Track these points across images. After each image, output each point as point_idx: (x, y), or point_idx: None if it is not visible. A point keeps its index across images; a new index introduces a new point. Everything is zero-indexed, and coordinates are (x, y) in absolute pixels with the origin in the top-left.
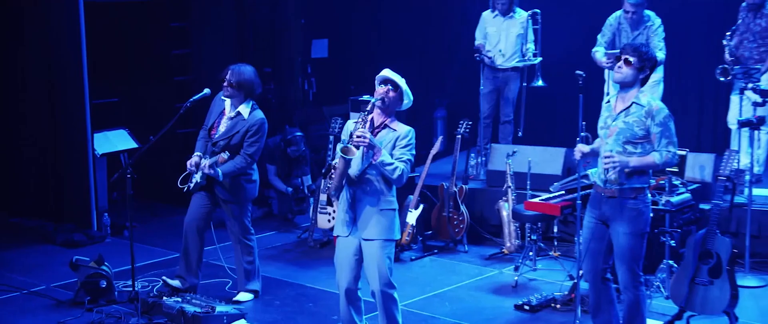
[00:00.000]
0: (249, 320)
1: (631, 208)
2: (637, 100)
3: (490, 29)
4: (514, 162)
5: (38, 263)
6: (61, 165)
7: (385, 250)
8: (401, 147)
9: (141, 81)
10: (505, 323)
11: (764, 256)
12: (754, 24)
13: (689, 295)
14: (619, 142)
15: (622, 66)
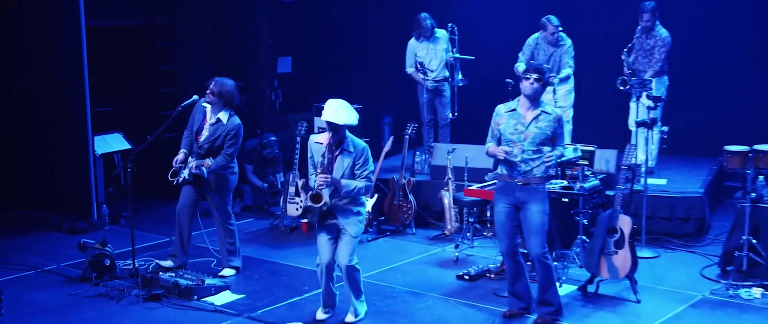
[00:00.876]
0: (233, 291)
1: (541, 192)
2: (544, 108)
3: (420, 53)
4: (453, 158)
5: (48, 247)
6: (65, 164)
7: (354, 242)
8: (359, 167)
9: (132, 92)
10: (448, 290)
11: (657, 233)
12: (646, 43)
13: (599, 263)
14: (535, 143)
15: (534, 83)
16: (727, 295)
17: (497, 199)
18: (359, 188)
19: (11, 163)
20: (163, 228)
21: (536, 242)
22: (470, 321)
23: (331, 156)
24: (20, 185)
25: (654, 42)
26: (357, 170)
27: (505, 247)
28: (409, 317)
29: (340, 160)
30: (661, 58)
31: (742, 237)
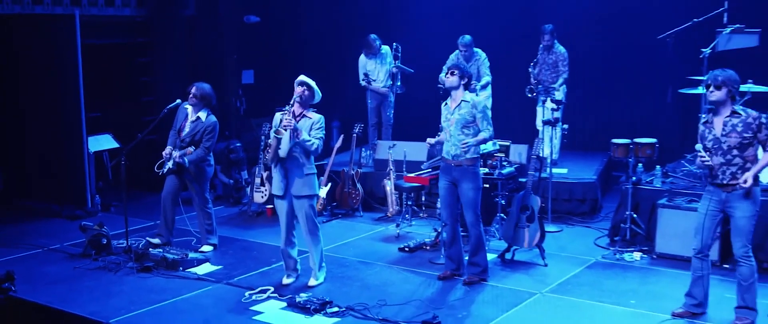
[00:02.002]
0: (212, 263)
1: (472, 172)
2: (464, 98)
3: (369, 67)
4: (393, 152)
5: (51, 231)
6: (63, 161)
7: (310, 202)
8: (315, 129)
9: (118, 100)
10: (392, 260)
11: (560, 211)
12: (548, 58)
13: (514, 235)
14: (459, 127)
15: (449, 76)
16: (614, 259)
17: (440, 177)
18: (312, 143)
19: (19, 161)
20: (148, 214)
21: (469, 213)
22: (410, 282)
23: (295, 118)
24: (27, 180)
25: (555, 57)
26: (313, 131)
27: (446, 216)
28: (361, 280)
29: (303, 121)
30: (566, 70)
31: (625, 213)
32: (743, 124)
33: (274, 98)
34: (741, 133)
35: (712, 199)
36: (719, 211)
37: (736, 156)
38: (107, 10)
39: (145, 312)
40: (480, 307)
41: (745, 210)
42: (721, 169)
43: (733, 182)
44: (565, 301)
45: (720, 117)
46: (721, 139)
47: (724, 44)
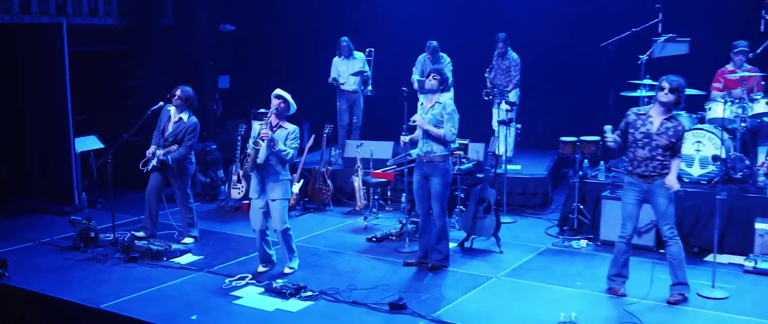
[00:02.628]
0: (194, 253)
1: (442, 168)
2: (439, 100)
3: (340, 68)
4: (361, 151)
5: (42, 225)
6: (52, 160)
7: (283, 205)
8: (290, 139)
9: (103, 103)
10: (360, 249)
11: (514, 204)
12: (502, 64)
13: (472, 225)
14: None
15: (432, 80)
16: (563, 246)
17: (414, 172)
18: (287, 152)
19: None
20: (132, 210)
21: (436, 205)
22: (378, 269)
23: (272, 129)
24: (15, 178)
25: (508, 63)
26: (288, 142)
27: (419, 207)
28: (332, 268)
29: (279, 131)
30: (518, 75)
31: (573, 204)
32: (674, 130)
33: (249, 101)
34: (670, 137)
35: (634, 190)
36: (641, 200)
37: (659, 154)
38: (91, 19)
39: (132, 298)
40: (441, 290)
41: (665, 196)
42: (644, 162)
43: (653, 174)
44: (518, 284)
45: (660, 116)
46: (654, 136)
47: (659, 52)
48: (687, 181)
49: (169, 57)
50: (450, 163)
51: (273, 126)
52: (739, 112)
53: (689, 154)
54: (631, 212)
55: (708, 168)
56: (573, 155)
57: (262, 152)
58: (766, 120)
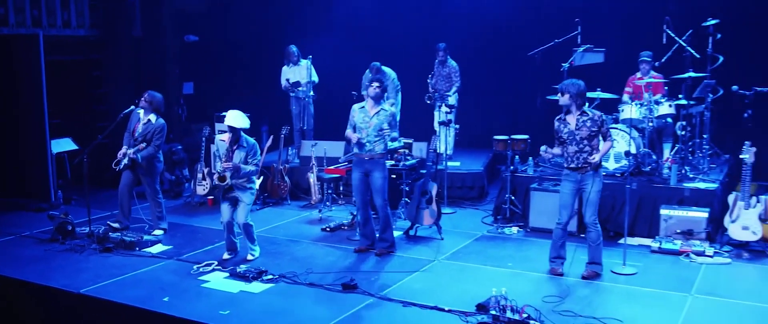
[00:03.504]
0: (164, 243)
1: (381, 164)
2: (384, 108)
3: (289, 75)
4: (315, 150)
5: (22, 221)
6: (29, 161)
7: (247, 209)
8: (251, 157)
9: (75, 108)
10: (316, 238)
11: (454, 197)
12: (443, 71)
13: (416, 215)
14: (376, 130)
15: (377, 88)
16: (496, 233)
17: (354, 169)
18: (251, 171)
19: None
20: (104, 206)
21: (379, 198)
22: (332, 255)
23: (231, 149)
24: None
25: (449, 70)
26: (249, 159)
27: (359, 201)
28: (290, 254)
29: (237, 153)
30: (458, 80)
31: (505, 196)
32: (591, 121)
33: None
34: (590, 128)
35: (570, 181)
36: (577, 190)
37: (586, 145)
38: (65, 31)
39: (109, 283)
40: (388, 272)
41: (595, 186)
42: (575, 156)
43: (584, 165)
44: (457, 266)
45: (573, 115)
46: (575, 132)
47: (579, 60)
48: (603, 174)
49: (137, 65)
50: (386, 160)
51: (232, 152)
52: (646, 114)
53: None
54: (567, 202)
55: (621, 162)
56: (505, 152)
57: (228, 179)
58: (669, 120)
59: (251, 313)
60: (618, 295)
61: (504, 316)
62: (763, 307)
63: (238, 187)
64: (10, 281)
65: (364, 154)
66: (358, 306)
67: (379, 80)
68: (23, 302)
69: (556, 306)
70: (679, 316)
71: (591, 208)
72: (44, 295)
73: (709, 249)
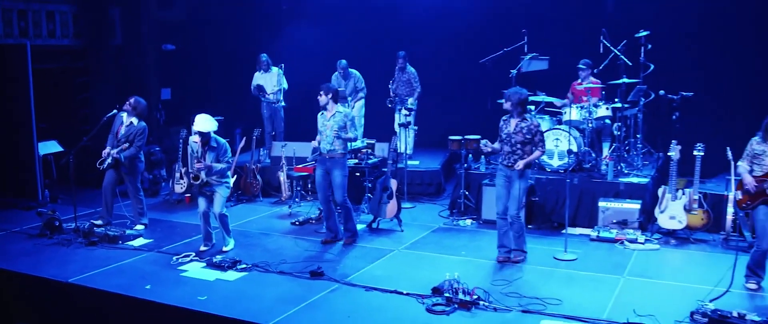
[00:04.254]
0: (145, 237)
1: (341, 163)
2: (338, 109)
3: (260, 81)
4: (285, 150)
5: (11, 218)
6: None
7: (222, 200)
8: (222, 156)
9: (61, 113)
10: (286, 231)
11: (413, 193)
12: (403, 77)
13: (378, 209)
14: (334, 131)
15: (322, 97)
16: (452, 225)
17: (316, 167)
18: (223, 169)
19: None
20: (89, 204)
21: (339, 194)
22: (301, 246)
23: (203, 150)
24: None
25: (408, 76)
26: (220, 158)
27: (321, 197)
28: (262, 246)
29: (209, 154)
30: (418, 86)
31: (460, 191)
32: (527, 128)
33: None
34: (525, 134)
35: (502, 176)
36: (507, 183)
37: (518, 149)
38: (50, 40)
39: (95, 274)
40: (352, 261)
41: (520, 185)
42: (507, 155)
43: (513, 165)
44: (415, 254)
45: (515, 119)
46: (512, 135)
47: (526, 67)
48: (548, 171)
49: (118, 72)
50: (347, 159)
51: (203, 153)
52: (586, 116)
53: (549, 148)
54: (501, 193)
55: (564, 160)
56: (459, 151)
57: (202, 177)
58: (607, 122)
59: (227, 298)
60: (559, 279)
61: (456, 297)
62: (685, 286)
63: (213, 183)
64: (2, 272)
65: (326, 154)
66: (325, 291)
67: (325, 89)
68: (13, 292)
69: (503, 288)
70: (612, 296)
71: (514, 203)
72: (34, 285)
73: (641, 237)
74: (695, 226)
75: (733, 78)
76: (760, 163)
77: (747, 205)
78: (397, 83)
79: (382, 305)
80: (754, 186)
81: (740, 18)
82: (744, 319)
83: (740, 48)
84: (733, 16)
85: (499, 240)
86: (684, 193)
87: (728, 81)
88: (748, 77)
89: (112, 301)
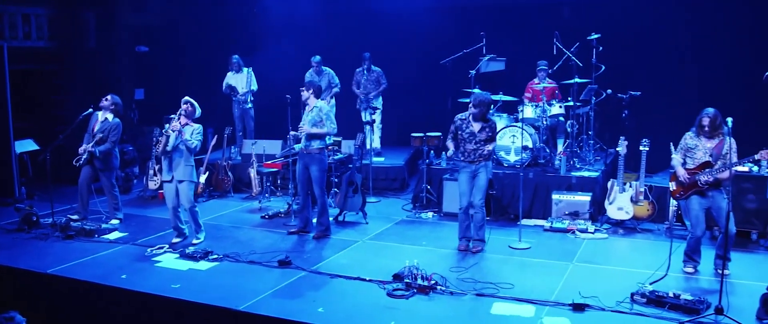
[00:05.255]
0: (120, 231)
1: (318, 158)
2: (316, 105)
3: (231, 81)
4: (255, 148)
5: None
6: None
7: (190, 186)
8: (195, 134)
9: (36, 113)
10: (256, 224)
11: (379, 188)
12: (371, 76)
13: (344, 202)
14: (310, 125)
15: (304, 92)
16: (414, 217)
17: (298, 160)
18: (192, 142)
19: None
20: (65, 201)
21: (317, 188)
22: (270, 238)
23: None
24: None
25: (376, 75)
26: (193, 135)
27: (300, 189)
28: (233, 238)
29: (187, 128)
30: (385, 82)
31: (422, 185)
32: (489, 127)
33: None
34: (488, 133)
35: (466, 172)
36: (471, 178)
37: (482, 145)
38: (26, 42)
39: (72, 265)
40: (319, 251)
41: (485, 175)
42: (472, 152)
43: (478, 159)
44: (379, 245)
45: (479, 122)
46: (477, 134)
47: (484, 68)
48: (505, 166)
49: (92, 74)
50: (325, 154)
51: (182, 124)
52: (541, 114)
53: (507, 145)
54: (465, 189)
55: (520, 155)
56: (421, 147)
57: (171, 140)
58: (561, 119)
59: (199, 286)
60: (513, 265)
61: (415, 282)
62: (629, 271)
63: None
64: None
65: (304, 149)
66: (292, 278)
67: (308, 84)
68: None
69: (460, 275)
70: (561, 280)
71: (479, 192)
72: (14, 276)
73: (591, 227)
74: (641, 217)
75: (677, 78)
76: (692, 156)
77: (680, 195)
78: (365, 83)
79: (345, 291)
80: (687, 178)
81: (684, 23)
82: (678, 298)
83: (684, 50)
84: (678, 21)
85: (461, 232)
86: (631, 186)
87: (673, 81)
88: (690, 78)
89: (89, 290)
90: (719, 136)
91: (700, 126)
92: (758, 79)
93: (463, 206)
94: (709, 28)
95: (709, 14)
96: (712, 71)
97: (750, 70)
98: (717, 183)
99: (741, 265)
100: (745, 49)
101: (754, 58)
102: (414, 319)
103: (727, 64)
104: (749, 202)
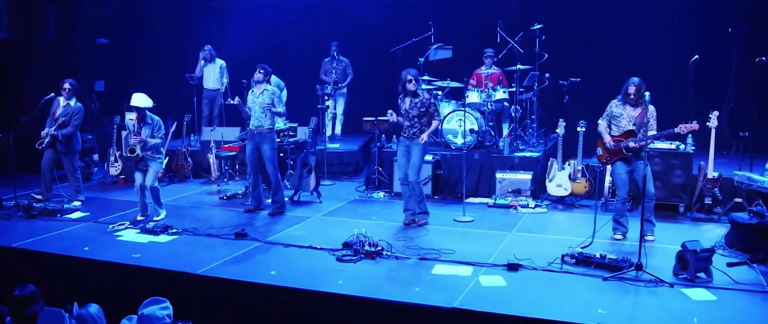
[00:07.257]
0: (82, 211)
1: (269, 137)
2: (267, 88)
3: (205, 71)
4: (214, 134)
5: None
6: None
7: (154, 174)
8: (156, 131)
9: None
10: (214, 204)
11: (334, 172)
12: (340, 66)
13: (299, 183)
14: (262, 108)
15: (259, 74)
16: (367, 197)
17: (247, 142)
18: (157, 144)
19: None
20: (27, 187)
21: (269, 166)
22: (227, 215)
23: (139, 126)
24: None
25: (344, 65)
26: (155, 133)
27: (250, 169)
28: (193, 216)
29: (144, 129)
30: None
31: (374, 167)
32: (420, 102)
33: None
34: (419, 108)
35: (401, 146)
36: (406, 152)
37: (416, 122)
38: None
39: (36, 240)
40: (273, 225)
41: (417, 152)
42: (407, 129)
43: (412, 136)
44: (331, 220)
45: (408, 98)
46: (408, 111)
47: (433, 56)
48: (453, 148)
49: (53, 66)
50: (275, 134)
51: (139, 128)
52: (486, 99)
53: (455, 128)
54: (402, 162)
55: (467, 138)
56: (372, 131)
57: (138, 151)
58: (506, 105)
59: (159, 256)
60: (456, 235)
61: (363, 249)
62: (563, 238)
63: (148, 158)
64: None
65: (255, 129)
66: (248, 248)
67: (262, 66)
68: None
69: (406, 243)
70: (499, 246)
71: (413, 170)
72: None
73: (532, 203)
74: (579, 193)
75: (613, 66)
76: (618, 124)
77: (607, 160)
78: (333, 72)
79: (298, 257)
80: (613, 144)
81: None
82: (604, 258)
83: (619, 40)
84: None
85: (405, 204)
86: (569, 164)
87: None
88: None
89: (52, 262)
90: (642, 105)
91: (626, 94)
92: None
93: (400, 177)
94: (644, 17)
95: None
96: (645, 58)
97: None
98: (638, 150)
99: (667, 233)
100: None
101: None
102: (360, 279)
103: (657, 51)
104: (677, 178)
